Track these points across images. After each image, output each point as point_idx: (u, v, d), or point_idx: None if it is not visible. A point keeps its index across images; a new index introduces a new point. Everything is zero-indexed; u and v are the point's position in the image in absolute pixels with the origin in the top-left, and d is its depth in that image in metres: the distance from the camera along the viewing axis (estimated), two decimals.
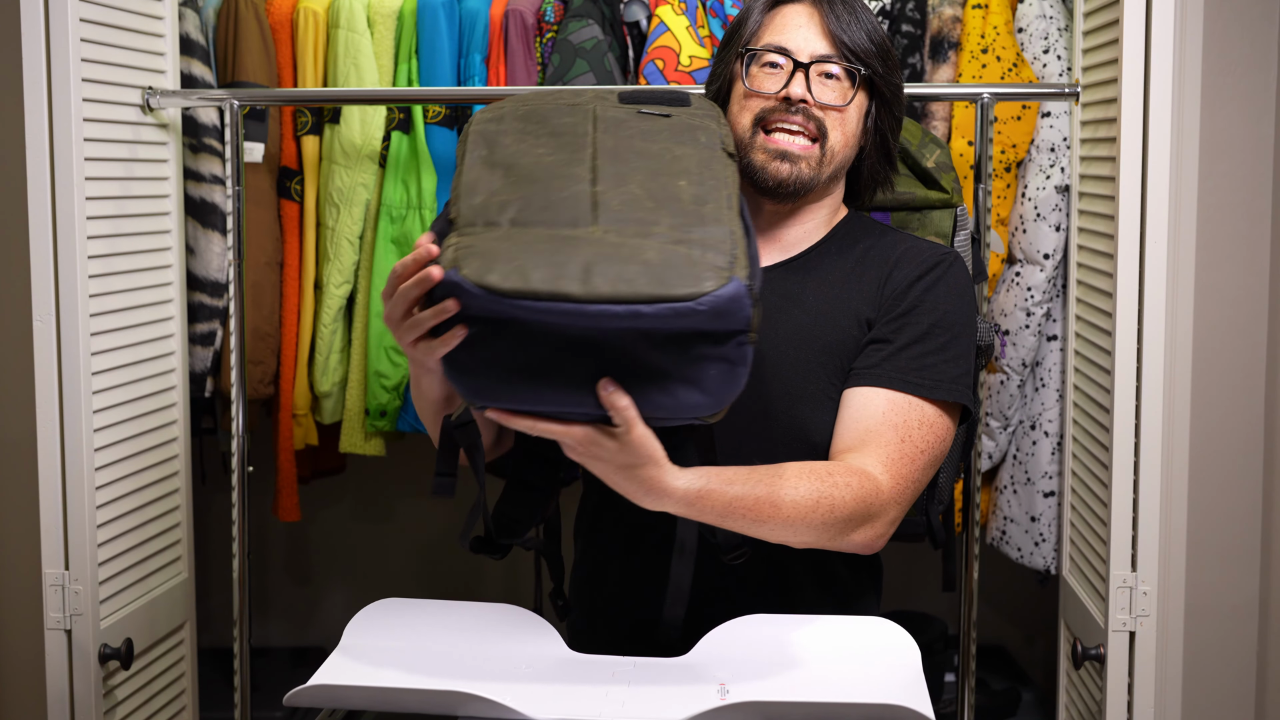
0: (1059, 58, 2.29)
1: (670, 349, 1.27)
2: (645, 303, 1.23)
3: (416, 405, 1.57)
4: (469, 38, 2.33)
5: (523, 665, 1.41)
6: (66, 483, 1.97)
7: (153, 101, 2.15)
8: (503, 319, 1.24)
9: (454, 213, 1.33)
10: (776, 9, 1.62)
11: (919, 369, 1.53)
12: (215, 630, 2.86)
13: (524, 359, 1.26)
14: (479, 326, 1.25)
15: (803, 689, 1.35)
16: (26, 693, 2.32)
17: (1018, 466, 2.36)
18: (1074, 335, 2.23)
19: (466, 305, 1.24)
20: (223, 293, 2.32)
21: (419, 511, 3.02)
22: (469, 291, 1.23)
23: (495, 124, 1.44)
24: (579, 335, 1.24)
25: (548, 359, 1.26)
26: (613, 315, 1.23)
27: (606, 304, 1.23)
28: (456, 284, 1.23)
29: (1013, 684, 2.72)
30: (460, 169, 1.39)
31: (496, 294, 1.22)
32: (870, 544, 1.49)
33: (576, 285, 1.22)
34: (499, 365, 1.27)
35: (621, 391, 1.26)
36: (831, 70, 1.58)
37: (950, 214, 1.86)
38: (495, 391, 1.29)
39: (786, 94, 1.56)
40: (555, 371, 1.26)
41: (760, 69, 1.59)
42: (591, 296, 1.22)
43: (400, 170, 2.35)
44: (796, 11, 1.60)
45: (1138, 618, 1.96)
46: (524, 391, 1.28)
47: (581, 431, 1.29)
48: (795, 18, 1.60)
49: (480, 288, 1.22)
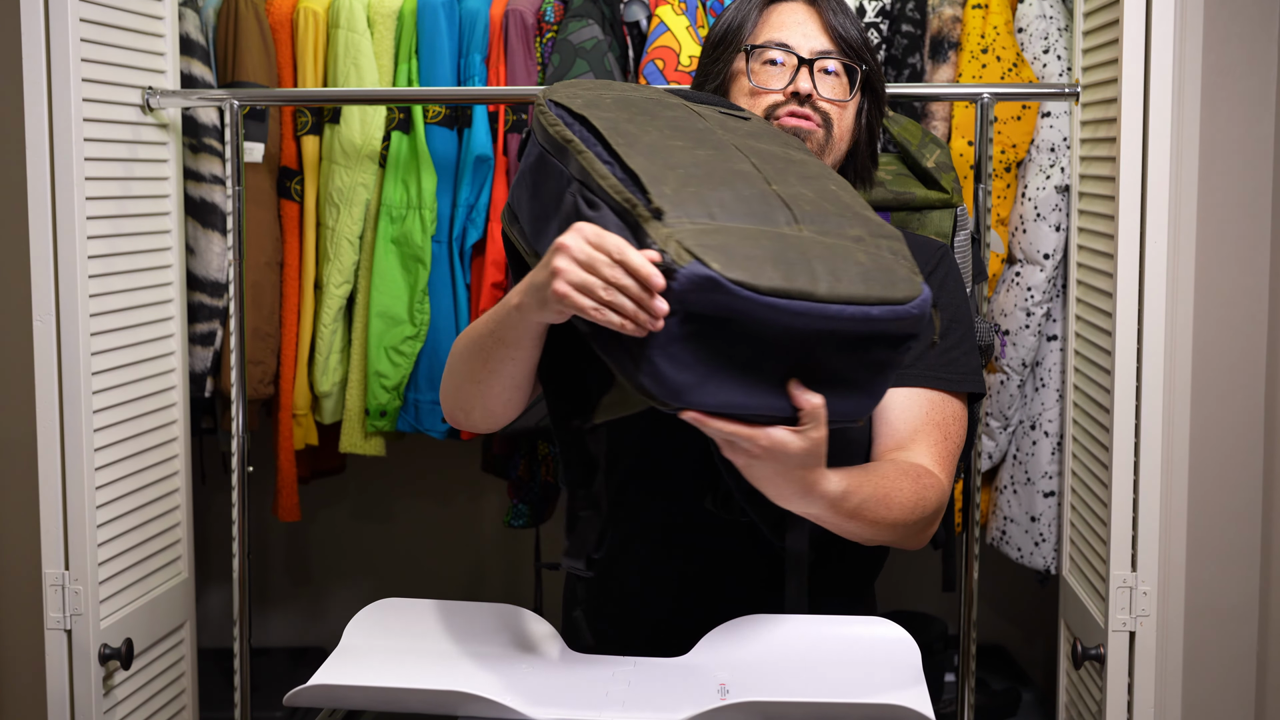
0: (1059, 58, 2.29)
1: (854, 352, 1.27)
2: (874, 304, 1.23)
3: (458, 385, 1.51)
4: (469, 38, 2.33)
5: (523, 665, 1.41)
6: (66, 483, 1.97)
7: (153, 101, 2.15)
8: (723, 317, 1.21)
9: (649, 201, 1.26)
10: (771, 7, 1.62)
11: (947, 364, 1.57)
12: (215, 630, 2.86)
13: (728, 359, 1.23)
14: (695, 324, 1.21)
15: (803, 689, 1.35)
16: (26, 693, 2.32)
17: (1018, 466, 2.36)
18: (1074, 335, 2.23)
19: (692, 300, 1.20)
20: (223, 293, 2.32)
21: (419, 511, 3.02)
22: (723, 286, 1.18)
23: (599, 110, 1.38)
24: (786, 336, 1.23)
25: (748, 360, 1.24)
26: (846, 317, 1.23)
27: (843, 304, 1.22)
28: (709, 278, 1.18)
29: (1013, 684, 2.72)
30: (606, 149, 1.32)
31: (750, 290, 1.19)
32: (927, 539, 1.53)
33: (822, 285, 1.21)
34: (705, 365, 1.23)
35: (813, 392, 1.26)
36: (830, 66, 1.59)
37: (950, 214, 1.86)
38: (695, 392, 1.25)
39: (795, 89, 1.57)
40: (753, 372, 1.24)
41: (761, 66, 1.59)
42: (833, 297, 1.22)
43: (400, 170, 2.35)
44: (793, 9, 1.61)
45: (1138, 618, 1.96)
46: (720, 393, 1.25)
47: (776, 433, 1.27)
48: (793, 15, 1.61)
49: (734, 283, 1.18)
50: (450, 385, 1.55)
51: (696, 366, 1.23)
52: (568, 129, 1.36)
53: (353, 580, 3.05)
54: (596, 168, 1.30)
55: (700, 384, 1.24)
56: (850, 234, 1.30)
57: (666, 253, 1.21)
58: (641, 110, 1.41)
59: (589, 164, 1.31)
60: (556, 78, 2.27)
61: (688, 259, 1.19)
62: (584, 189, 1.31)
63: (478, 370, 1.47)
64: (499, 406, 1.51)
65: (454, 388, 1.54)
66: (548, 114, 1.39)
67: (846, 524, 1.41)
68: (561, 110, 1.39)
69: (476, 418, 1.54)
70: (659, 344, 1.22)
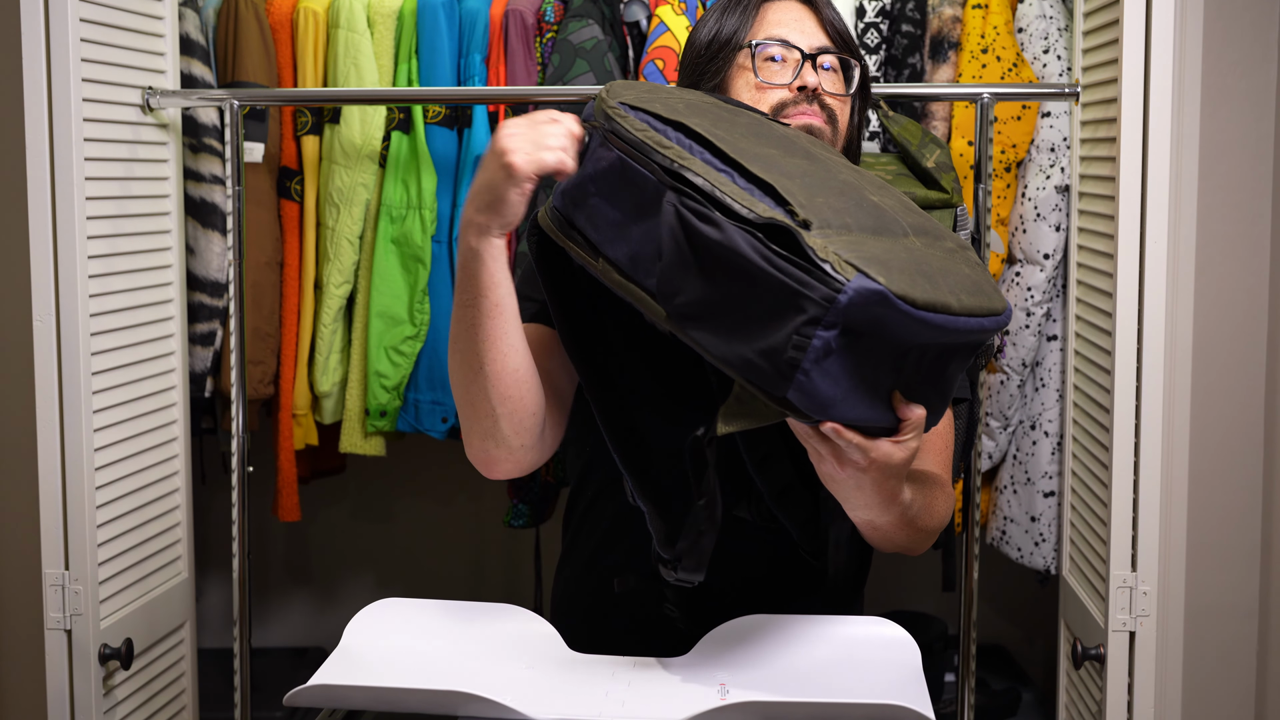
0: (1059, 58, 2.29)
1: (945, 361, 1.29)
2: (985, 316, 1.25)
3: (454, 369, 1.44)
4: (469, 38, 2.33)
5: (523, 665, 1.41)
6: (66, 483, 1.97)
7: (153, 101, 2.15)
8: (866, 331, 1.20)
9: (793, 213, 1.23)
10: (765, 6, 1.62)
11: None
12: (215, 630, 2.86)
13: (862, 374, 1.23)
14: (849, 338, 1.20)
15: (803, 689, 1.35)
16: (26, 693, 2.32)
17: (1018, 466, 2.36)
18: (1074, 335, 2.23)
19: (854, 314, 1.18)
20: (223, 293, 2.32)
21: (419, 511, 3.02)
22: (890, 301, 1.17)
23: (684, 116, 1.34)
24: (904, 348, 1.23)
25: (871, 373, 1.24)
26: (969, 329, 1.24)
27: (969, 317, 1.23)
28: (878, 292, 1.17)
29: (1013, 684, 2.72)
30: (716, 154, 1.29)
31: (910, 305, 1.18)
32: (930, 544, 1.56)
33: (953, 299, 1.22)
34: (849, 379, 1.23)
35: (916, 404, 1.28)
36: (829, 62, 1.59)
37: (950, 214, 1.86)
38: (839, 406, 1.24)
39: (802, 83, 1.56)
40: (872, 386, 1.25)
41: (762, 64, 1.59)
42: (963, 310, 1.23)
43: (400, 170, 2.35)
44: (789, 7, 1.61)
45: (1138, 618, 1.96)
46: (851, 406, 1.25)
47: (885, 445, 1.29)
48: (788, 12, 1.61)
49: (899, 298, 1.18)
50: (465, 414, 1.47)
51: (844, 381, 1.22)
52: (661, 134, 1.31)
53: (353, 580, 3.05)
54: (713, 178, 1.26)
55: (844, 398, 1.23)
56: (947, 245, 1.32)
57: (828, 263, 1.19)
58: (718, 118, 1.38)
59: (705, 174, 1.27)
60: (556, 78, 2.27)
61: (851, 272, 1.18)
62: (686, 199, 1.26)
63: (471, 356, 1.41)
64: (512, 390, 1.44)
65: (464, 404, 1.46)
66: (629, 118, 1.33)
67: (899, 532, 1.44)
68: (644, 115, 1.33)
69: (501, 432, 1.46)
70: (815, 358, 1.20)
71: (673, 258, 1.27)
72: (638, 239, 1.31)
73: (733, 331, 1.25)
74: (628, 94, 1.37)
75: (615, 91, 1.38)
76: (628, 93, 1.37)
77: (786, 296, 1.20)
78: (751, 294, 1.22)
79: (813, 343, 1.19)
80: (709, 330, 1.26)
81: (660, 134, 1.31)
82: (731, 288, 1.23)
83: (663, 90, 1.43)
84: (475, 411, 1.46)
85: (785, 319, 1.21)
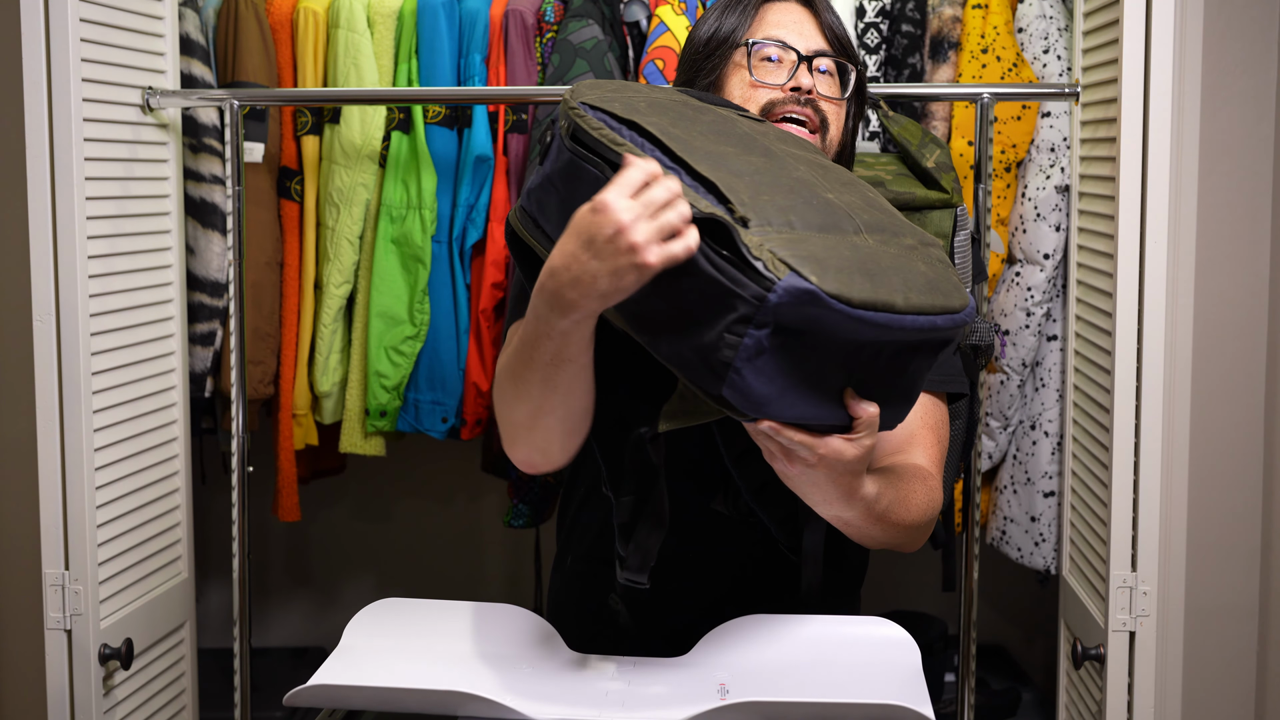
0: (1059, 58, 2.29)
1: (903, 359, 1.29)
2: (938, 314, 1.25)
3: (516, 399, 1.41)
4: (469, 38, 2.33)
5: (523, 665, 1.41)
6: (66, 483, 1.97)
7: (153, 101, 2.15)
8: (805, 329, 1.20)
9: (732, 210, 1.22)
10: (766, 6, 1.62)
11: (938, 366, 1.58)
12: (215, 630, 2.86)
13: (802, 371, 1.23)
14: (782, 336, 1.20)
15: (803, 689, 1.35)
16: (26, 693, 2.32)
17: (1018, 466, 2.36)
18: (1074, 335, 2.23)
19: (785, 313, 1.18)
20: (223, 293, 2.32)
21: (419, 511, 3.02)
22: (821, 299, 1.17)
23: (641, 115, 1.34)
24: (851, 346, 1.23)
25: (814, 370, 1.24)
26: (917, 327, 1.24)
27: (917, 315, 1.23)
28: (808, 291, 1.17)
29: (1013, 684, 2.72)
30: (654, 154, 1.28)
31: (843, 303, 1.18)
32: (923, 542, 1.55)
33: (899, 297, 1.22)
34: (785, 377, 1.23)
35: (869, 401, 1.27)
36: (825, 65, 1.60)
37: (950, 214, 1.86)
38: (775, 404, 1.24)
39: (795, 84, 1.57)
40: (817, 383, 1.25)
41: (759, 63, 1.59)
42: (909, 308, 1.22)
43: (400, 170, 2.35)
44: (789, 9, 1.62)
45: (1138, 618, 1.96)
46: (797, 405, 1.25)
47: (835, 442, 1.28)
48: (788, 14, 1.61)
49: (831, 296, 1.17)
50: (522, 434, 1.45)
51: (778, 379, 1.22)
52: (617, 133, 1.31)
53: (352, 580, 3.05)
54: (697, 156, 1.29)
55: (781, 396, 1.23)
56: (905, 242, 1.31)
57: (761, 261, 1.18)
58: (679, 115, 1.39)
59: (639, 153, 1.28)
60: (556, 78, 2.27)
61: (784, 270, 1.18)
62: None
63: (545, 401, 1.38)
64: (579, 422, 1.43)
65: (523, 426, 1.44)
66: (587, 117, 1.33)
67: (871, 527, 1.42)
68: (602, 114, 1.34)
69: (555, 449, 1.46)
70: (747, 356, 1.20)
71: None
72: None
73: (672, 328, 1.25)
74: (591, 94, 1.38)
75: (579, 92, 1.38)
76: (591, 93, 1.38)
77: (720, 294, 1.20)
78: (689, 291, 1.22)
79: (744, 341, 1.19)
80: (651, 327, 1.27)
81: (615, 132, 1.31)
82: (671, 284, 1.23)
83: (629, 89, 1.43)
84: (534, 434, 1.44)
85: (719, 317, 1.21)
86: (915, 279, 1.26)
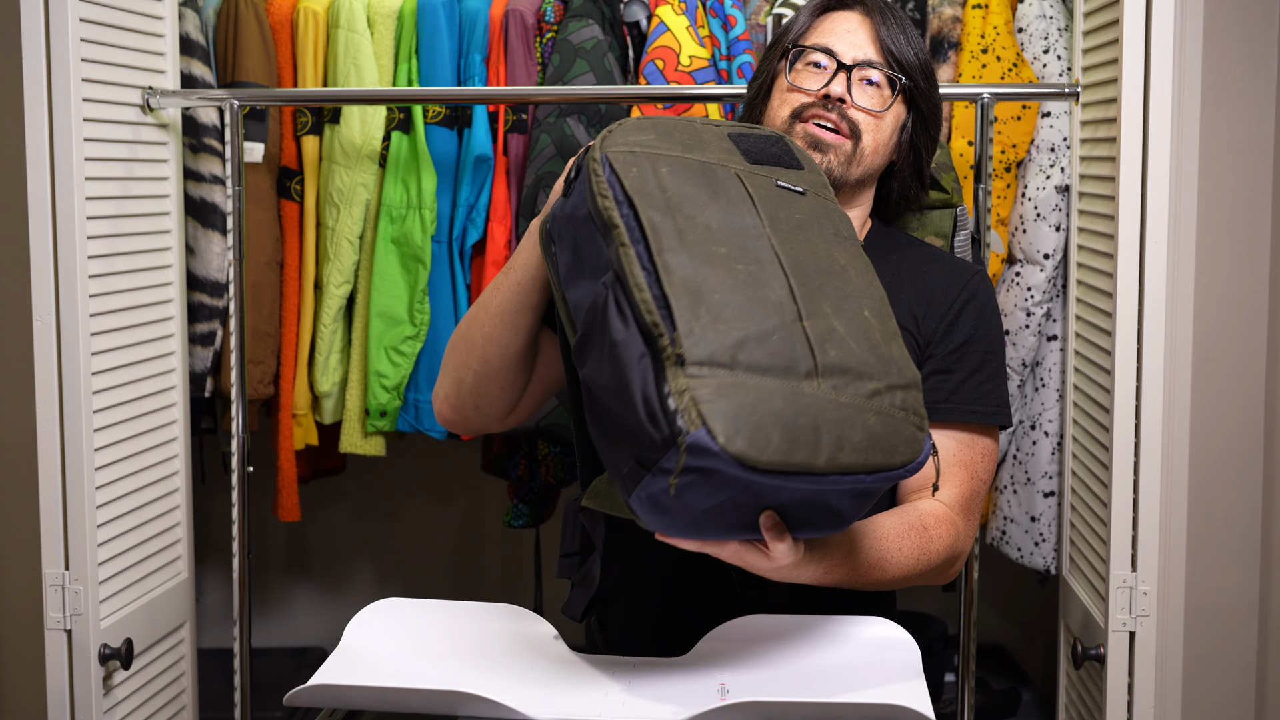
0: (1059, 58, 2.29)
1: (831, 503, 1.27)
2: (869, 473, 1.23)
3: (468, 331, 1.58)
4: (469, 38, 2.33)
5: (523, 665, 1.41)
6: (66, 483, 1.97)
7: (153, 101, 2.15)
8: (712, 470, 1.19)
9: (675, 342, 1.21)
10: (827, 14, 1.65)
11: (981, 397, 1.58)
12: (215, 630, 2.86)
13: (714, 507, 1.23)
14: (690, 476, 1.19)
15: (803, 689, 1.35)
16: (26, 693, 2.32)
17: (1018, 466, 2.36)
18: (1074, 335, 2.23)
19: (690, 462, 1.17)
20: (223, 293, 2.32)
21: (419, 511, 3.02)
22: (722, 461, 1.16)
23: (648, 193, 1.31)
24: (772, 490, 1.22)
25: (725, 504, 1.23)
26: (838, 487, 1.23)
27: (839, 475, 1.21)
28: (711, 452, 1.16)
29: (1013, 684, 2.72)
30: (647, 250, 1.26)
31: (748, 467, 1.17)
32: (951, 577, 1.57)
33: (821, 459, 1.20)
34: (691, 512, 1.23)
35: (783, 534, 1.27)
36: (873, 76, 1.60)
37: (950, 214, 1.86)
38: (679, 530, 1.26)
39: (827, 92, 1.58)
40: (728, 513, 1.24)
41: (805, 67, 1.62)
42: (830, 469, 1.20)
43: (400, 170, 2.35)
44: (846, 18, 1.63)
45: (1138, 618, 1.96)
46: (696, 529, 1.26)
47: (747, 555, 1.30)
48: (845, 23, 1.63)
49: (734, 459, 1.16)
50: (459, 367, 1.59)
51: (681, 514, 1.23)
52: (616, 209, 1.30)
53: (352, 580, 3.05)
54: (635, 276, 1.25)
55: (689, 525, 1.25)
56: (868, 388, 1.26)
57: (680, 404, 1.18)
58: (696, 189, 1.34)
59: (629, 267, 1.26)
60: (556, 77, 2.27)
61: (697, 424, 1.17)
62: (619, 288, 1.27)
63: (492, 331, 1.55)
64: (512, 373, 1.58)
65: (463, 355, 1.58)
66: (600, 178, 1.32)
67: (864, 586, 1.45)
68: (614, 178, 1.32)
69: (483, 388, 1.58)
70: (647, 491, 1.21)
71: (588, 331, 1.29)
72: (584, 291, 1.33)
73: (606, 424, 1.26)
74: (621, 144, 1.36)
75: (612, 139, 1.36)
76: (622, 142, 1.36)
77: (640, 423, 1.20)
78: (624, 402, 1.23)
79: (646, 478, 1.20)
80: (593, 411, 1.28)
81: (615, 208, 1.30)
82: (616, 385, 1.24)
83: (665, 140, 1.39)
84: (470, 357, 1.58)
85: (635, 441, 1.22)
86: (853, 435, 1.22)
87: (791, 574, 1.35)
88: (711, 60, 2.32)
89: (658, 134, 1.40)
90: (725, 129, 1.46)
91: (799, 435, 1.19)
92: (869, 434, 1.23)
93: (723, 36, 2.33)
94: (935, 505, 1.54)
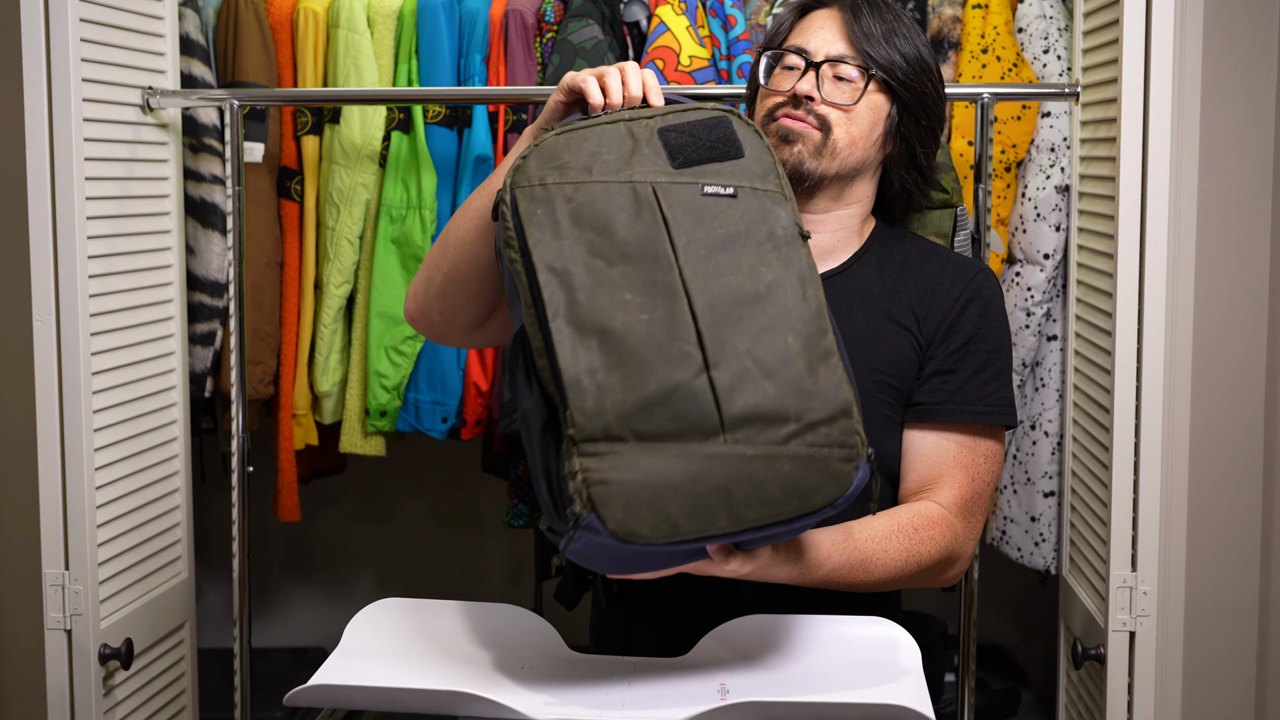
0: (1059, 58, 2.29)
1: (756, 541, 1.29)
2: (787, 521, 1.23)
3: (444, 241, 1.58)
4: (469, 38, 2.33)
5: (523, 665, 1.41)
6: (66, 483, 1.97)
7: (153, 101, 2.15)
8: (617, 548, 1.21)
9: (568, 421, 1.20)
10: (806, 14, 1.66)
11: (984, 397, 1.58)
12: (215, 630, 2.86)
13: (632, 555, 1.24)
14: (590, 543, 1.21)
15: (803, 689, 1.35)
16: (26, 693, 2.32)
17: (1018, 466, 2.36)
18: (1074, 335, 2.23)
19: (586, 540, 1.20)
20: (223, 293, 2.32)
21: (419, 511, 3.02)
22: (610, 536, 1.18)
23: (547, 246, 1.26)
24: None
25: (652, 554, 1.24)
26: (750, 539, 1.24)
27: (752, 530, 1.22)
28: (596, 530, 1.17)
29: (1013, 684, 2.72)
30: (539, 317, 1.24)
31: (641, 544, 1.18)
32: (952, 580, 1.58)
33: (724, 520, 1.20)
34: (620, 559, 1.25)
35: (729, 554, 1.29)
36: (844, 72, 1.60)
37: (950, 214, 1.86)
38: (604, 569, 1.30)
39: (794, 90, 1.59)
40: (655, 557, 1.26)
41: (782, 70, 1.63)
42: (734, 529, 1.21)
43: (400, 170, 2.35)
44: (823, 15, 1.64)
45: (1138, 618, 1.96)
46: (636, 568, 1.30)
47: (692, 565, 1.32)
48: (819, 20, 1.64)
49: (625, 541, 1.17)
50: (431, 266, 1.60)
51: (610, 564, 1.27)
52: (521, 262, 1.26)
53: (353, 580, 3.05)
54: (536, 340, 1.24)
55: (620, 568, 1.29)
56: (783, 433, 1.22)
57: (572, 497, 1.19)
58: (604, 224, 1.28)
59: (531, 330, 1.25)
60: (556, 78, 2.27)
61: (588, 508, 1.18)
62: (526, 349, 1.27)
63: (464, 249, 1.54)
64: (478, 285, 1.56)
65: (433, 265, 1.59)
66: (508, 225, 1.28)
67: (851, 586, 1.45)
68: (519, 224, 1.28)
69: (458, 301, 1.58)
70: (573, 546, 1.22)
71: (511, 373, 1.31)
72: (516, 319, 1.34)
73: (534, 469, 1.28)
74: (529, 178, 1.31)
75: (521, 173, 1.31)
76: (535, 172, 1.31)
77: (542, 495, 1.24)
78: (531, 466, 1.27)
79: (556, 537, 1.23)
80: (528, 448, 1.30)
81: (522, 261, 1.27)
82: (528, 445, 1.27)
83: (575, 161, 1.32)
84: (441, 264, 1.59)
85: (544, 506, 1.26)
86: (766, 488, 1.21)
87: (762, 575, 1.36)
88: (711, 60, 2.32)
89: (572, 152, 1.33)
90: (658, 122, 1.37)
91: (701, 503, 1.19)
92: (784, 483, 1.22)
93: (723, 36, 2.33)
94: (930, 507, 1.54)
